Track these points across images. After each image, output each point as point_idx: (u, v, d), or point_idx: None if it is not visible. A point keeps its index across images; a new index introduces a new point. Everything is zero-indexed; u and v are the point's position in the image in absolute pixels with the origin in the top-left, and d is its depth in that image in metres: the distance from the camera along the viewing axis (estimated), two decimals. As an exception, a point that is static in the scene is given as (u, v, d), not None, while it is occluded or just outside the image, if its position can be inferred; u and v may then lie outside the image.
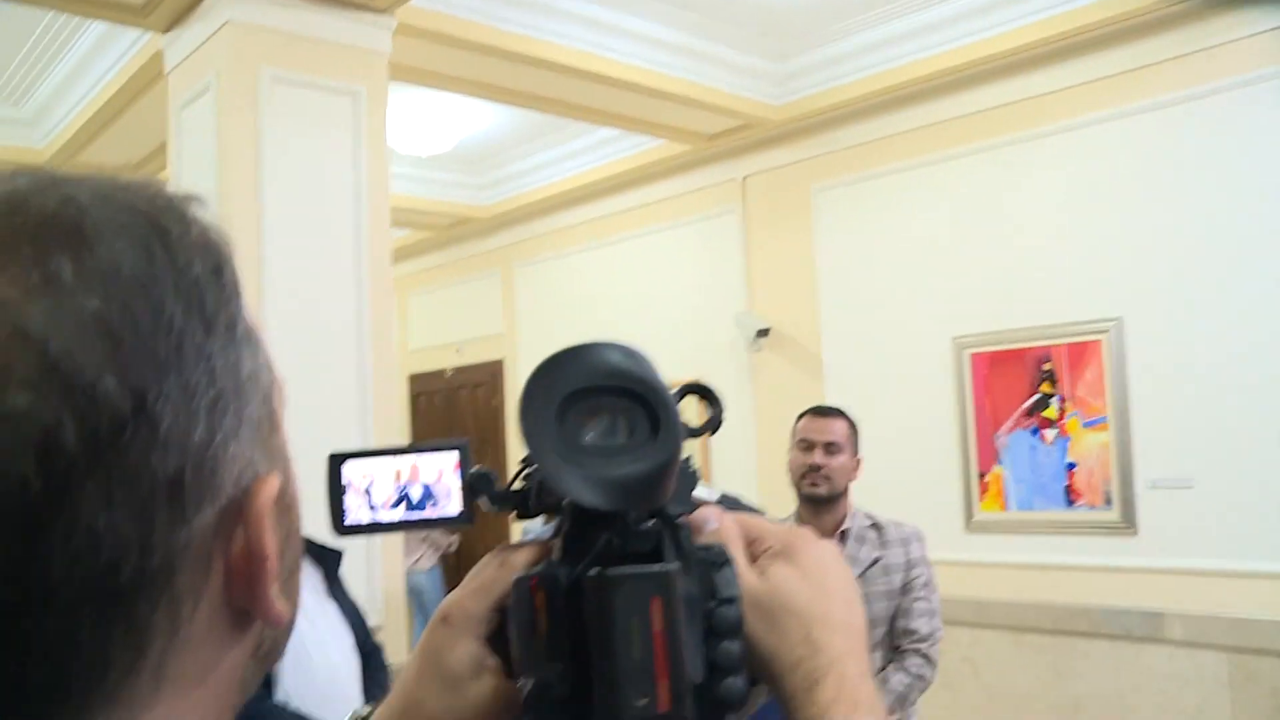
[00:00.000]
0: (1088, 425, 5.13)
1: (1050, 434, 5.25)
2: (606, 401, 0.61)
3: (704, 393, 0.78)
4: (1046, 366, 5.27)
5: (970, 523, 5.54)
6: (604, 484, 0.60)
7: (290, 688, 2.91)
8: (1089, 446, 5.13)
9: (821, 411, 3.32)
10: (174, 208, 0.50)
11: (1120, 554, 5.04)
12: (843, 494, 3.23)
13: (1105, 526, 5.08)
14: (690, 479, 0.74)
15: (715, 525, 0.69)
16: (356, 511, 0.75)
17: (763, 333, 6.48)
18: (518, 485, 0.74)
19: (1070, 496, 5.19)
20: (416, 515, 0.75)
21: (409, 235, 8.85)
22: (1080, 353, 5.15)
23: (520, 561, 0.72)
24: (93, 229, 0.45)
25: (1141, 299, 5.00)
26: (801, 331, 6.39)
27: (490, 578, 0.72)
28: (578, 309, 7.84)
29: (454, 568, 8.81)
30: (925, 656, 3.07)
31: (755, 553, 0.71)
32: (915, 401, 5.76)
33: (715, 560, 0.65)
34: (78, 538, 0.42)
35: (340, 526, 0.75)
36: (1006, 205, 5.48)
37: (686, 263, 7.12)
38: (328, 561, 3.18)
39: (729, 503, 0.85)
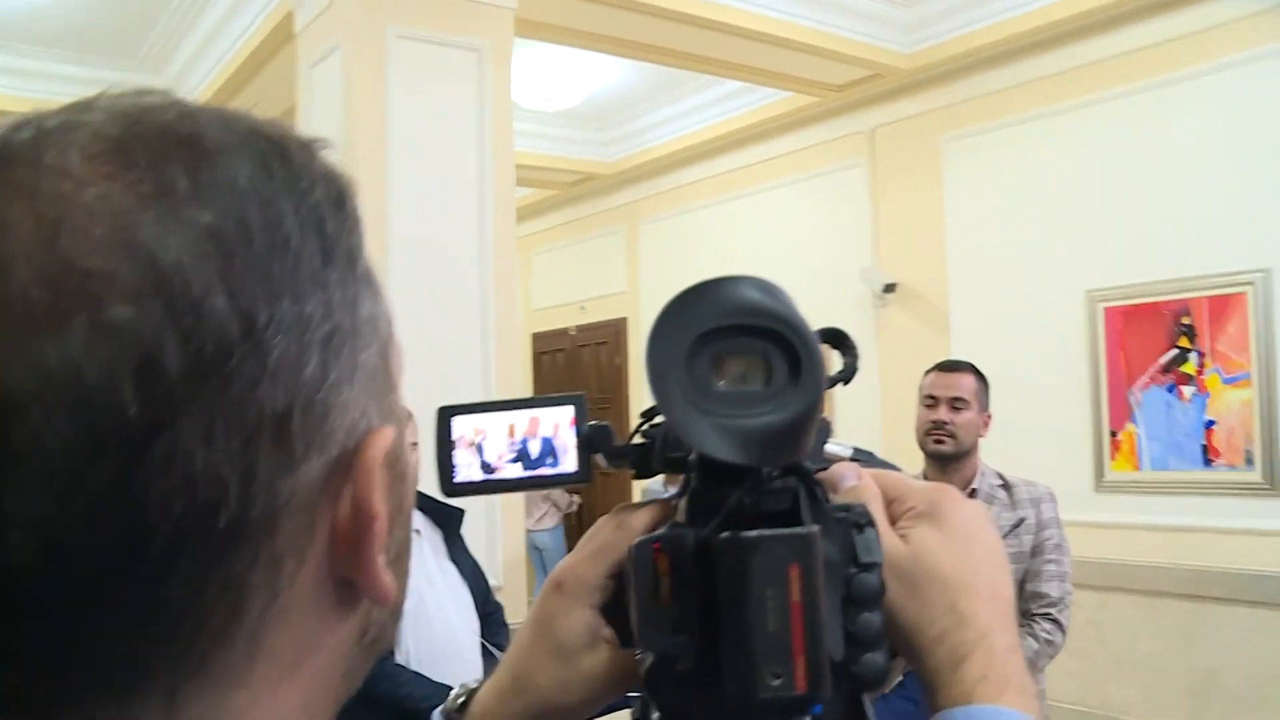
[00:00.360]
0: (1229, 381, 4.91)
1: (1188, 390, 5.05)
2: (743, 342, 0.55)
3: (839, 338, 0.72)
4: (1185, 320, 5.06)
5: (1101, 482, 5.37)
6: (738, 435, 0.54)
7: (410, 648, 2.93)
8: (1230, 404, 4.91)
9: (948, 366, 3.21)
10: (297, 135, 0.48)
11: (1262, 516, 4.82)
12: (970, 451, 3.12)
13: (1246, 487, 4.87)
14: (824, 432, 0.69)
15: (854, 481, 0.64)
16: (467, 469, 0.71)
17: (889, 288, 6.38)
18: (637, 440, 0.69)
19: (1208, 456, 4.99)
20: (531, 473, 0.71)
21: (533, 194, 8.92)
22: (1222, 306, 4.93)
23: (640, 524, 0.66)
24: (212, 142, 0.43)
25: (1292, 249, 4.76)
26: (929, 287, 6.26)
27: (606, 541, 0.67)
28: (701, 265, 7.79)
29: (576, 527, 8.92)
30: (1055, 622, 2.94)
31: (896, 513, 0.65)
32: (1046, 357, 5.59)
33: (856, 521, 0.59)
34: (175, 473, 0.38)
35: (449, 484, 0.71)
36: (1144, 153, 5.26)
37: (813, 217, 7.03)
38: (448, 521, 3.19)
39: (865, 458, 0.77)
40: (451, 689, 2.31)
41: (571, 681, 0.65)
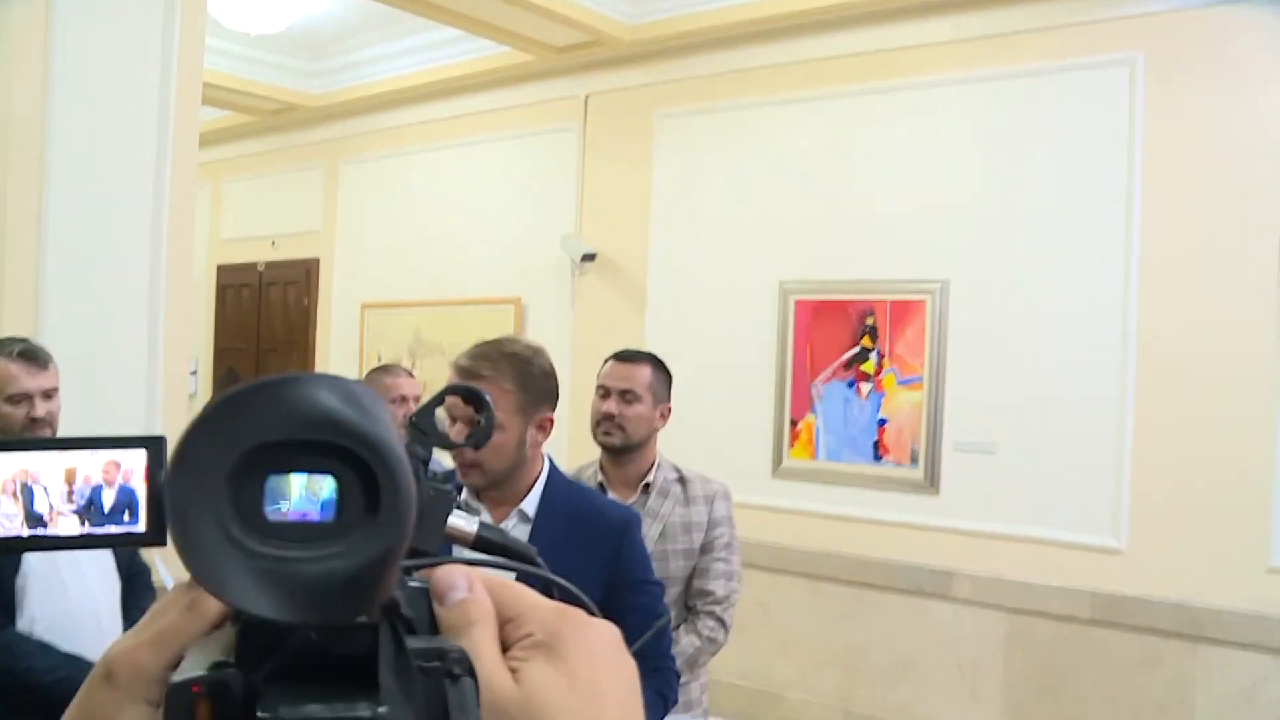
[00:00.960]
0: (903, 383, 5.17)
1: (866, 388, 5.28)
2: (309, 461, 0.42)
3: (472, 397, 0.64)
4: (869, 321, 5.28)
5: (778, 469, 5.54)
6: (289, 583, 0.42)
7: (36, 613, 2.60)
8: (901, 404, 5.17)
9: (625, 356, 3.08)
10: None
11: (920, 512, 5.12)
12: (643, 444, 3.01)
13: (909, 484, 5.15)
14: (444, 503, 0.60)
15: (463, 594, 0.53)
16: (10, 520, 0.59)
17: (588, 257, 6.31)
18: None
19: (879, 452, 5.24)
20: (98, 530, 0.59)
21: (229, 117, 8.27)
22: (904, 311, 5.17)
23: (215, 608, 0.53)
24: None
25: (968, 264, 5.04)
26: (629, 260, 6.24)
27: (173, 625, 0.54)
28: (400, 213, 7.49)
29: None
30: (719, 620, 2.93)
31: (511, 636, 0.54)
32: (736, 342, 5.70)
33: (451, 670, 0.47)
34: None
35: None
36: (846, 155, 5.43)
37: (519, 177, 6.85)
38: None
39: (492, 537, 0.66)
40: (83, 659, 1.94)
41: None
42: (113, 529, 0.60)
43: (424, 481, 0.59)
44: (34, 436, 0.52)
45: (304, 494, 0.43)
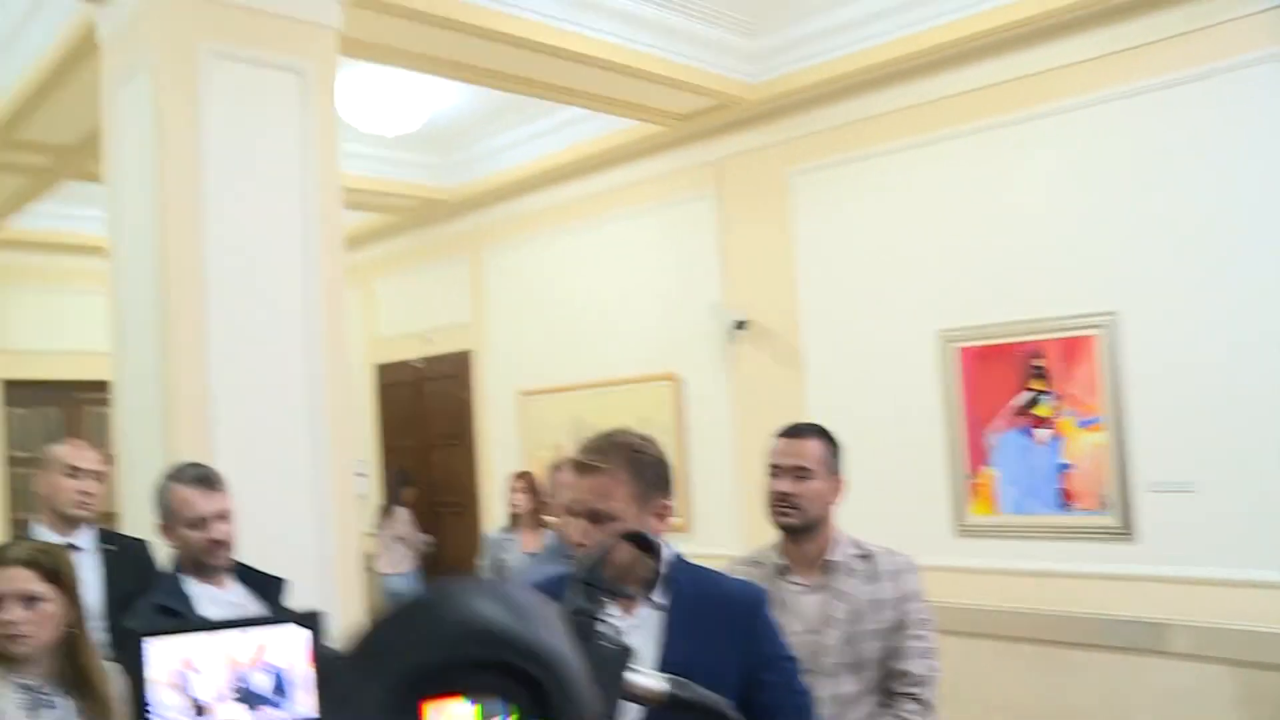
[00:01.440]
0: (1082, 425, 4.85)
1: (1043, 434, 4.97)
2: (473, 680, 0.38)
3: (643, 543, 0.55)
4: (1037, 362, 4.98)
5: (960, 526, 5.26)
6: None
7: None
8: (1084, 447, 4.85)
9: (792, 432, 2.94)
10: None
11: (1119, 560, 4.77)
12: (820, 522, 2.87)
13: (1102, 531, 4.81)
14: (620, 661, 0.58)
15: None
16: (170, 710, 0.59)
17: (740, 324, 6.18)
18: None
19: (1065, 499, 4.92)
20: (256, 716, 0.57)
21: (376, 218, 8.52)
22: (1073, 348, 4.87)
23: None
24: None
25: (1137, 292, 4.71)
26: (780, 323, 6.09)
27: None
28: (547, 297, 7.53)
29: (432, 568, 8.55)
30: (920, 702, 2.73)
31: None
32: (900, 397, 5.47)
33: None
34: None
35: None
36: (995, 191, 5.19)
37: (660, 249, 6.81)
38: (269, 592, 2.90)
39: (679, 689, 0.58)
40: None
41: None
42: (278, 714, 0.57)
43: (593, 638, 0.58)
44: (195, 619, 0.48)
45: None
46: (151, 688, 0.50)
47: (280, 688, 0.48)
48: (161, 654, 0.49)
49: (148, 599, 2.73)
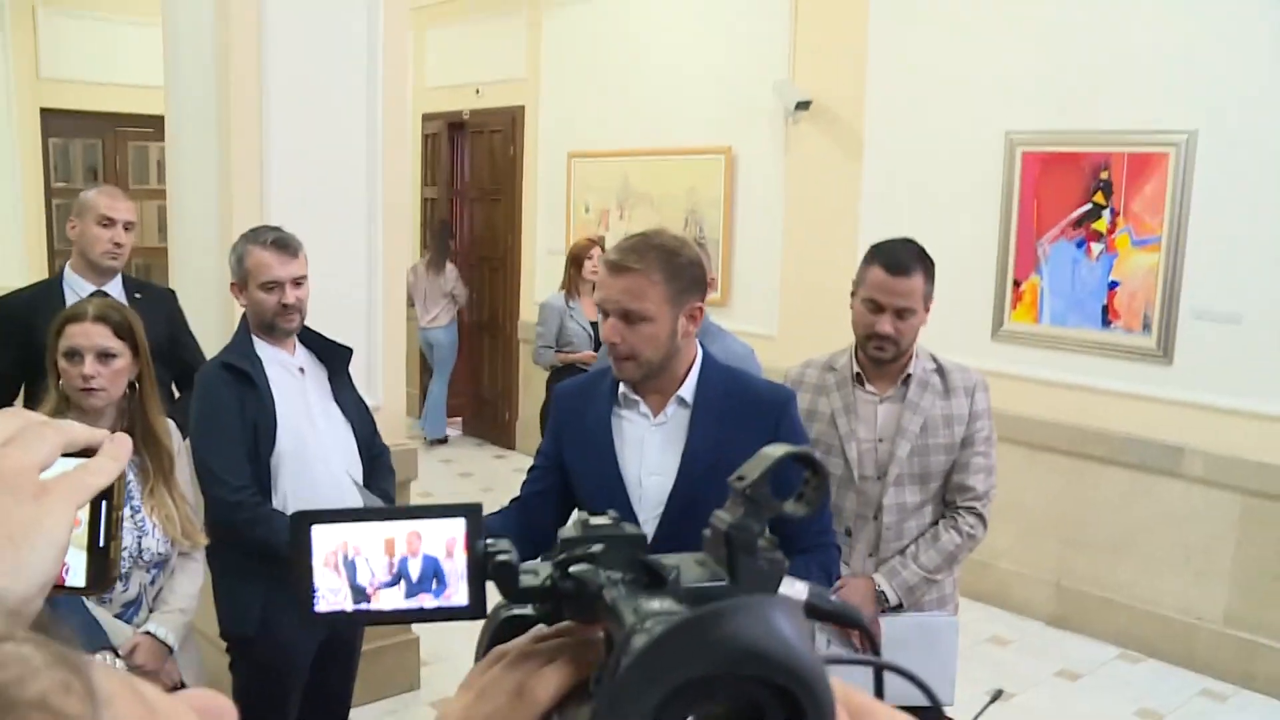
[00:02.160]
0: (1138, 244, 4.78)
1: (1096, 248, 4.91)
2: (731, 689, 0.42)
3: (811, 464, 0.61)
4: (1104, 175, 4.87)
5: (998, 331, 5.28)
6: None
7: (288, 492, 2.77)
8: (1135, 267, 4.80)
9: (898, 267, 2.69)
10: None
11: (1151, 383, 4.80)
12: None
13: (1139, 352, 4.82)
14: (777, 574, 0.59)
15: None
16: (333, 595, 0.59)
17: (802, 105, 6.03)
18: (544, 578, 0.58)
19: (1107, 317, 4.91)
20: (411, 604, 0.60)
21: (431, -38, 8.21)
22: (1143, 165, 4.74)
23: (545, 695, 0.55)
24: None
25: (1219, 112, 4.54)
26: (845, 107, 5.92)
27: (503, 713, 0.56)
28: (607, 60, 7.32)
29: (472, 324, 8.72)
30: (980, 516, 2.80)
31: None
32: (958, 196, 5.39)
33: None
34: None
35: (308, 613, 0.59)
36: (1087, -9, 4.93)
37: (729, 18, 6.55)
38: (334, 360, 2.98)
39: (818, 600, 0.69)
40: None
41: None
42: (431, 601, 0.60)
43: (757, 553, 0.59)
44: (359, 508, 0.51)
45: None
46: (317, 572, 0.52)
47: (435, 575, 0.51)
48: (326, 539, 0.52)
49: (218, 357, 2.81)
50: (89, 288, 3.51)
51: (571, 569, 0.57)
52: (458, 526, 0.60)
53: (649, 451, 2.29)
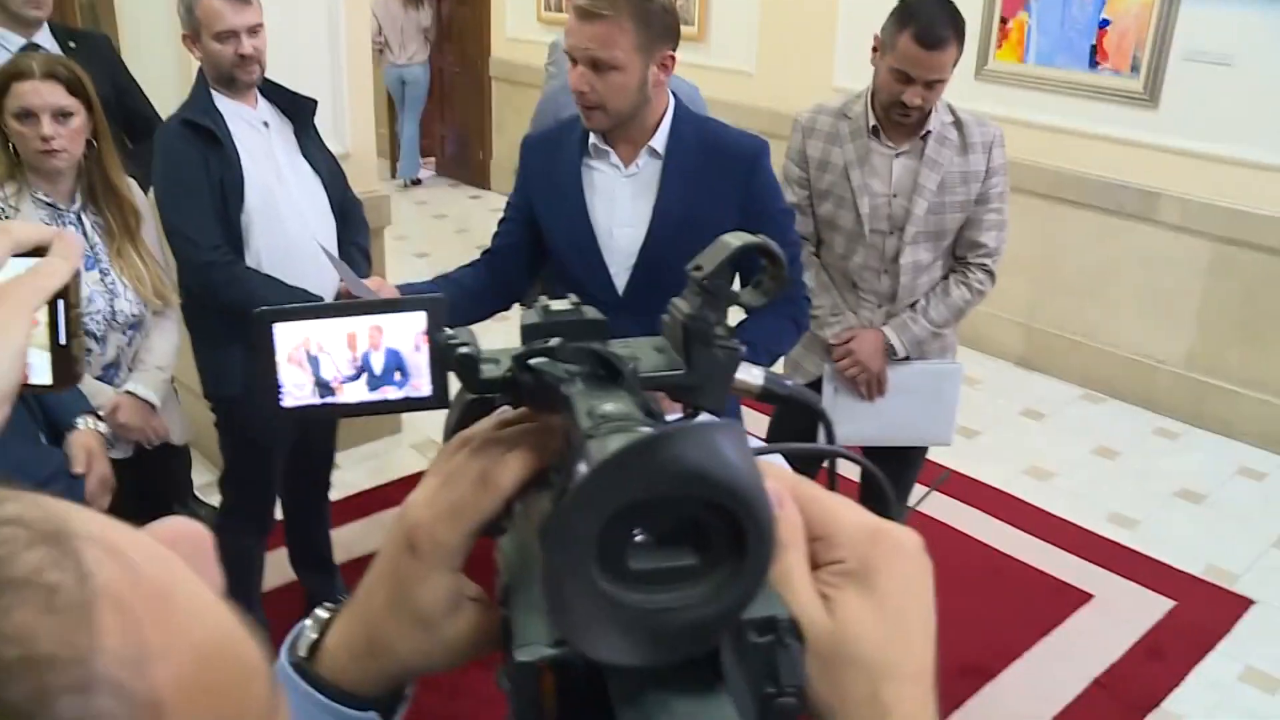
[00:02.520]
0: (1134, -20, 4.59)
1: (1090, -16, 4.72)
2: (673, 507, 0.43)
3: (768, 254, 0.59)
4: (1104, -98, 4.62)
5: (981, 70, 5.14)
6: (656, 633, 0.45)
7: (260, 249, 2.71)
8: (1129, 5, 4.62)
9: (932, 40, 2.47)
10: None
11: (1134, 127, 4.72)
12: None
13: (1125, 95, 4.72)
14: (731, 362, 0.60)
15: (773, 511, 0.47)
16: (298, 390, 0.60)
17: None
18: (504, 370, 0.58)
19: (1095, 57, 4.77)
20: (375, 395, 0.61)
21: None
22: (1146, -109, 4.49)
23: (508, 481, 0.56)
24: None
25: None
26: None
27: (466, 500, 0.57)
28: None
29: (442, 60, 8.41)
30: (990, 273, 2.79)
31: (820, 557, 0.53)
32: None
33: (784, 639, 0.49)
34: None
35: (275, 408, 0.60)
36: None
37: None
38: (299, 113, 2.86)
39: (775, 385, 0.69)
40: (307, 292, 2.14)
41: (434, 649, 0.60)
42: (395, 393, 0.61)
43: (713, 343, 0.59)
44: (318, 304, 0.51)
45: (671, 545, 0.45)
46: (281, 369, 0.52)
47: (398, 368, 0.51)
48: (288, 336, 0.51)
49: (177, 115, 2.68)
50: (17, 40, 3.25)
51: (531, 361, 0.57)
52: (419, 320, 0.60)
53: (620, 202, 2.27)
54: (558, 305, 0.61)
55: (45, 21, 3.35)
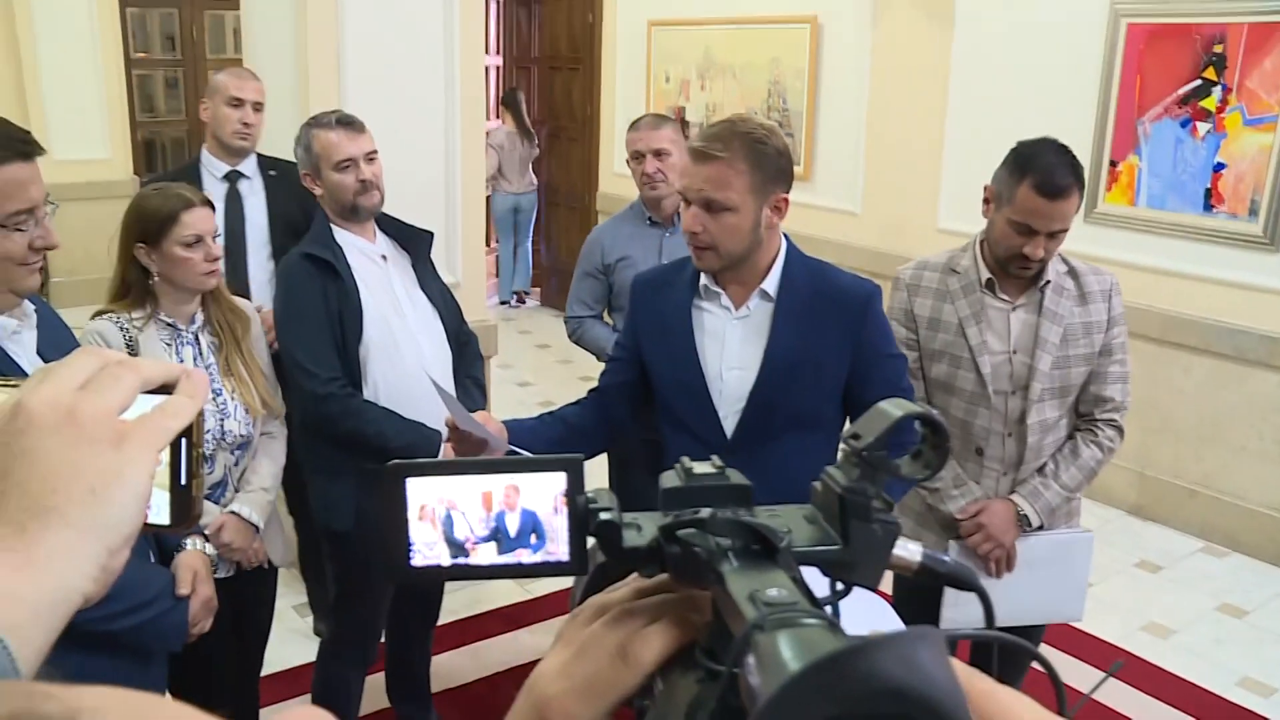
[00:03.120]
0: (1250, 123, 4.52)
1: (1203, 128, 4.66)
2: None
3: (931, 423, 0.58)
4: (1217, 49, 4.59)
5: (1091, 213, 5.08)
6: None
7: (378, 382, 2.74)
8: (1246, 148, 4.55)
9: (1054, 190, 2.37)
10: None
11: (1253, 270, 4.60)
12: None
13: (1243, 239, 4.61)
14: (890, 537, 0.58)
15: None
16: (429, 549, 0.58)
17: (893, -28, 5.75)
18: (649, 540, 0.56)
19: (1210, 201, 4.69)
20: (508, 559, 0.58)
21: None
22: (1264, 36, 4.44)
23: (650, 656, 0.53)
24: None
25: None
26: (937, -26, 5.65)
27: (604, 675, 0.54)
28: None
29: (550, 195, 8.78)
30: (1119, 429, 2.62)
31: None
32: (1053, 70, 5.13)
33: None
34: None
35: (403, 568, 0.58)
36: None
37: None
38: (416, 246, 2.92)
39: (934, 564, 0.65)
40: (424, 426, 2.54)
41: None
42: (530, 556, 0.59)
43: (872, 518, 0.57)
44: (453, 460, 0.50)
45: None
46: (412, 526, 0.51)
47: (534, 530, 0.49)
48: (421, 492, 0.50)
49: (299, 249, 2.77)
50: (224, 168, 3.59)
51: (680, 533, 0.55)
52: (558, 481, 0.58)
53: (730, 345, 2.25)
54: (700, 468, 0.59)
55: (251, 152, 3.64)
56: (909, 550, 0.62)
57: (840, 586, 0.59)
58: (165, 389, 0.62)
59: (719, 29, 6.86)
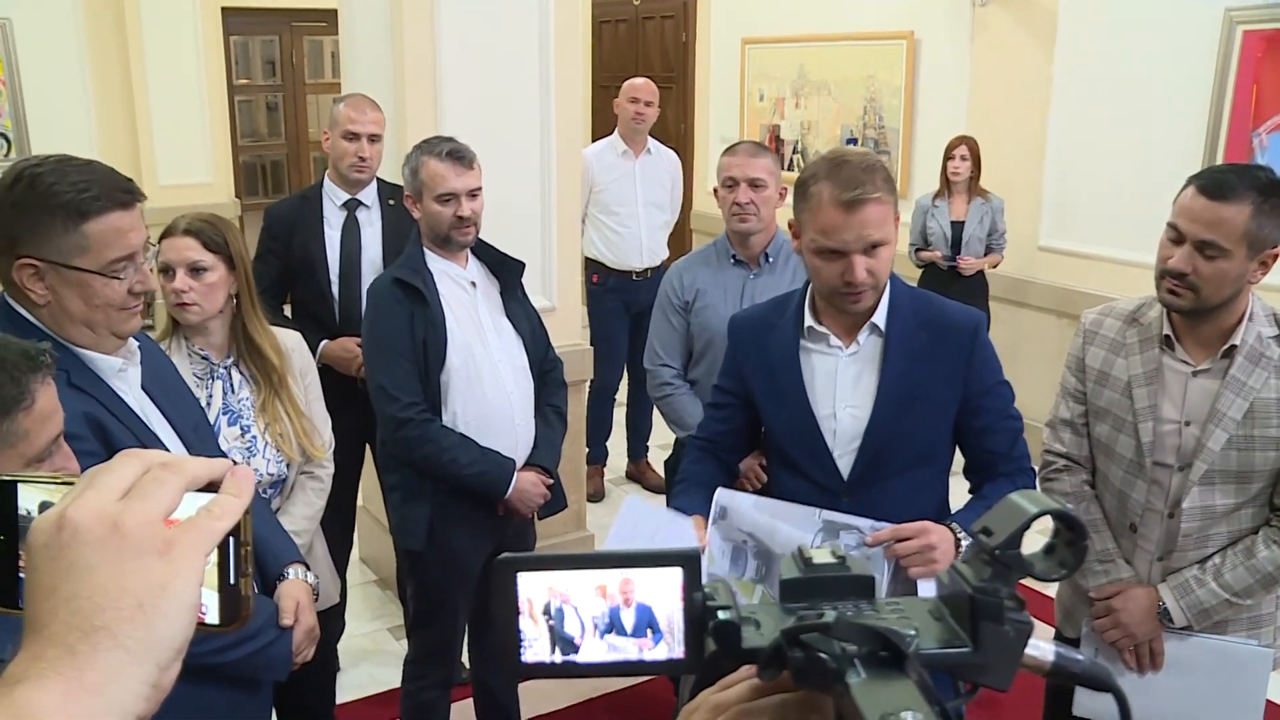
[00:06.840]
0: (1375, 134, 4.33)
1: (1325, 139, 4.48)
2: None
3: (1068, 521, 0.56)
4: (1339, 57, 4.40)
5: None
6: None
7: (458, 409, 2.76)
8: (1371, 160, 4.36)
9: (1214, 188, 2.07)
10: None
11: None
12: (1225, 303, 2.13)
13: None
14: (1023, 638, 0.56)
15: None
16: (538, 644, 0.56)
17: (992, -16, 5.64)
18: (771, 643, 0.54)
19: (1333, 215, 4.48)
20: (620, 657, 0.57)
21: None
22: (1386, 45, 4.26)
23: None
24: None
25: None
26: (1039, -14, 5.53)
27: None
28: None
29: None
30: None
31: None
32: (1161, 83, 4.97)
33: None
34: None
35: (514, 663, 0.57)
36: None
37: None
38: (508, 274, 2.92)
39: (1068, 664, 0.61)
40: (499, 455, 2.76)
41: None
42: (645, 653, 0.57)
43: (1004, 619, 0.55)
44: (566, 554, 0.48)
45: None
46: (523, 620, 0.49)
47: (649, 625, 0.47)
48: (532, 586, 0.48)
49: (390, 272, 2.78)
50: (344, 196, 3.64)
51: (803, 638, 0.52)
52: (675, 576, 0.56)
53: (842, 384, 2.20)
54: (820, 557, 0.57)
55: (373, 180, 3.67)
56: (1041, 650, 0.60)
57: (966, 689, 0.56)
58: (211, 488, 0.61)
59: (813, 46, 6.80)
